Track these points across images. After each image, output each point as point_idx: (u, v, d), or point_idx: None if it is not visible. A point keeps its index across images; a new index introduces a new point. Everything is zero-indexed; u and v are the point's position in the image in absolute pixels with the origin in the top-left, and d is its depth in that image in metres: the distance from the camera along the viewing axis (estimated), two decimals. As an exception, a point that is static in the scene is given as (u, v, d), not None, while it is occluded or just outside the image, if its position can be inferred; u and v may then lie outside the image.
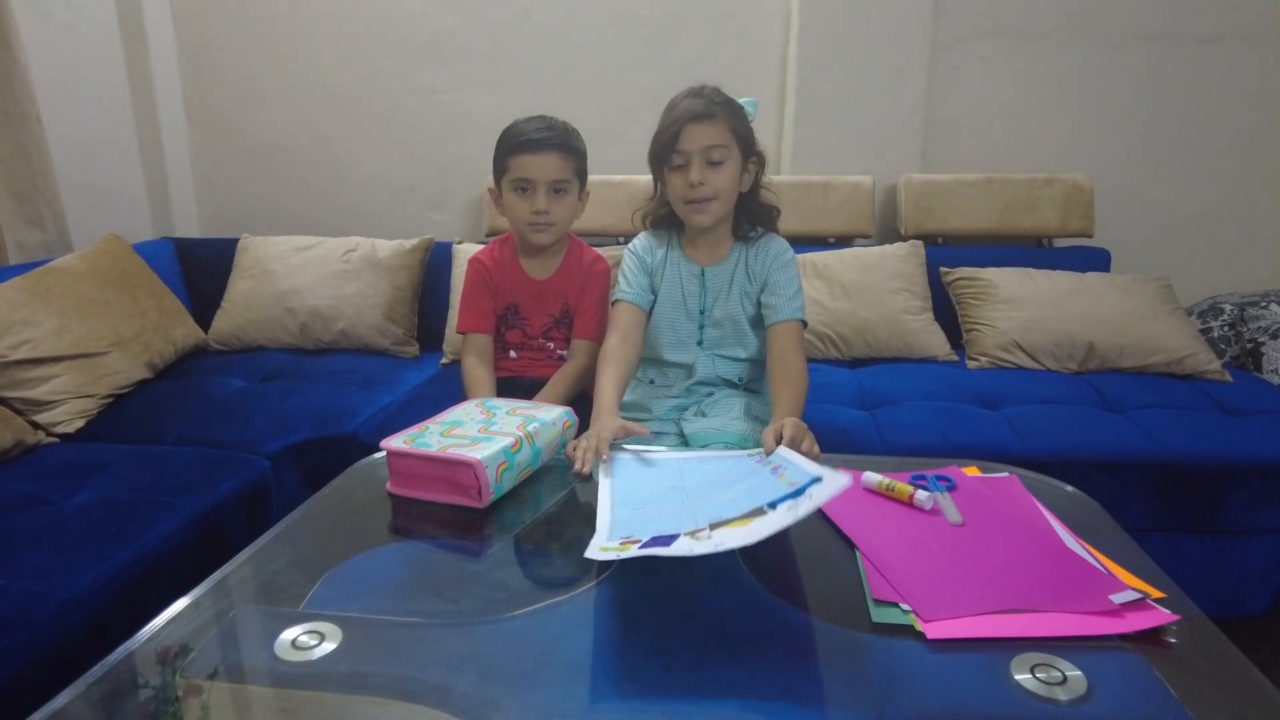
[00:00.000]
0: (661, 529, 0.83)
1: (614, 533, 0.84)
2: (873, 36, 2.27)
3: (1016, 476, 1.04)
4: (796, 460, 0.97)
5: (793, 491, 0.81)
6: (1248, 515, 1.56)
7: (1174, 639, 0.71)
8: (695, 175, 1.29)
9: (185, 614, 0.76)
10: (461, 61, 2.45)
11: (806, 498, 0.78)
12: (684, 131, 1.29)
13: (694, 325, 1.43)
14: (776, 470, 0.96)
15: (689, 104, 1.31)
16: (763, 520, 0.77)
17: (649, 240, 1.46)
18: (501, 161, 1.49)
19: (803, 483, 0.84)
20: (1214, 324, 2.16)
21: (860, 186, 2.30)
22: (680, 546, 0.76)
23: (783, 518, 0.74)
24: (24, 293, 1.72)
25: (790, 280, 1.39)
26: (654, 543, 0.78)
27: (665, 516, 0.88)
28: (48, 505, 1.33)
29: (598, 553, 0.76)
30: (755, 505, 0.81)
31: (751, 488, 0.90)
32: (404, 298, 2.17)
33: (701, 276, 1.42)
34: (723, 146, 1.30)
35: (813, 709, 0.64)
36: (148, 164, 2.46)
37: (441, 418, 1.13)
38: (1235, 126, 2.36)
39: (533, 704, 0.65)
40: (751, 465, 1.03)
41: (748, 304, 1.41)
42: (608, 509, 0.94)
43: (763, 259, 1.40)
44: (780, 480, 0.91)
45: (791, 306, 1.37)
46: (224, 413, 1.73)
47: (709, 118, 1.30)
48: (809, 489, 0.80)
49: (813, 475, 0.84)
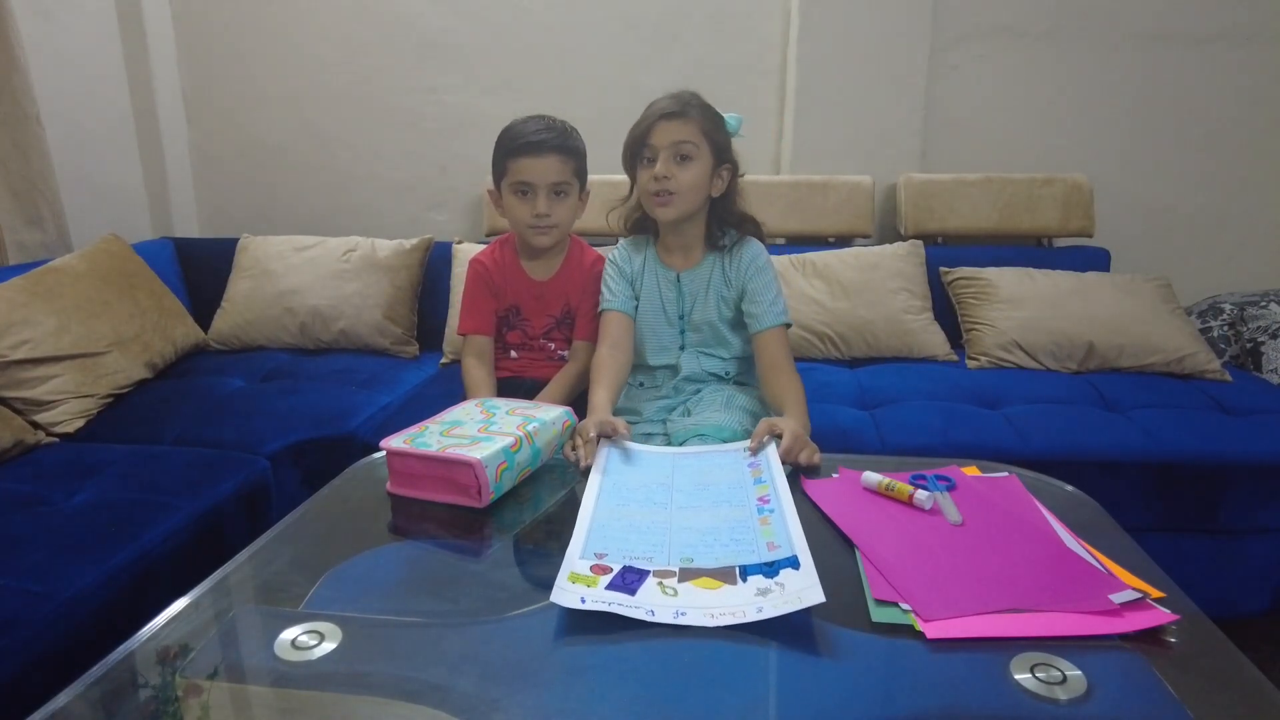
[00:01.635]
0: (635, 551, 0.85)
1: (588, 547, 0.86)
2: (872, 36, 2.27)
3: (1016, 476, 1.04)
4: (775, 471, 1.02)
5: (763, 565, 0.81)
6: (1247, 515, 1.56)
7: (1174, 639, 0.71)
8: (660, 169, 1.32)
9: (185, 614, 0.76)
10: (461, 61, 2.46)
11: (777, 585, 0.77)
12: (654, 127, 1.33)
13: (675, 330, 1.45)
14: (752, 467, 1.05)
15: (663, 103, 1.35)
16: (730, 594, 0.77)
17: (627, 249, 1.48)
18: (501, 164, 1.49)
19: (772, 484, 0.91)
20: (1214, 324, 2.16)
21: (860, 186, 2.30)
22: (644, 597, 0.77)
23: (748, 610, 0.74)
24: (24, 293, 1.72)
25: (768, 285, 1.39)
26: (621, 582, 0.79)
27: (644, 528, 0.90)
28: (47, 505, 1.33)
29: (560, 594, 0.76)
30: (728, 564, 0.82)
31: (731, 518, 0.92)
32: (404, 297, 2.17)
33: (678, 282, 1.43)
34: (691, 144, 1.32)
35: (813, 709, 0.64)
36: (147, 164, 2.46)
37: (441, 417, 1.13)
38: (1235, 126, 2.36)
39: (533, 704, 0.65)
40: (736, 462, 1.08)
41: (725, 308, 1.42)
42: (591, 504, 0.96)
43: (738, 265, 1.41)
44: (756, 490, 0.98)
45: (773, 312, 1.38)
46: (224, 413, 1.73)
47: (681, 115, 1.32)
48: (781, 572, 0.80)
49: (788, 553, 0.83)
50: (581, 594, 0.77)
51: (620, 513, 0.94)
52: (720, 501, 0.97)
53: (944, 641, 0.70)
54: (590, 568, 0.82)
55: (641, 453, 1.14)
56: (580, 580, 0.79)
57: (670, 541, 0.87)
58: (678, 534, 0.89)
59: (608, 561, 0.83)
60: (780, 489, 0.97)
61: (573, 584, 0.78)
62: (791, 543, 0.84)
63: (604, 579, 0.80)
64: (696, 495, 0.99)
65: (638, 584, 0.79)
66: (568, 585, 0.78)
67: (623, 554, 0.84)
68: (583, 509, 0.95)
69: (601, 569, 0.81)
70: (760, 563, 0.82)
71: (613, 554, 0.84)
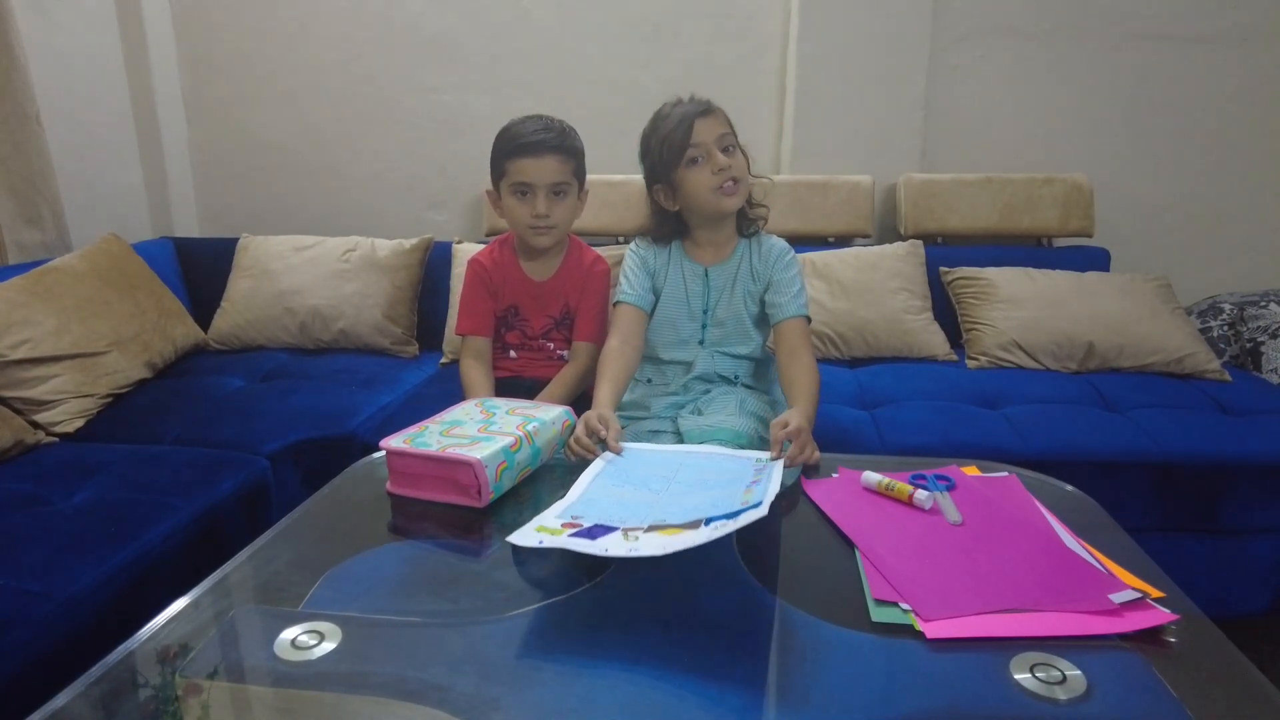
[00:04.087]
0: (611, 518, 0.84)
1: (568, 510, 0.85)
2: (873, 36, 2.27)
3: (1016, 476, 1.05)
4: (773, 479, 0.99)
5: (727, 514, 0.81)
6: (1247, 514, 1.56)
7: (1173, 638, 0.71)
8: (722, 160, 1.32)
9: (185, 614, 0.77)
10: (461, 61, 2.45)
11: (733, 520, 0.78)
12: (695, 125, 1.32)
13: (696, 325, 1.44)
14: (758, 471, 1.00)
15: (686, 106, 1.35)
16: (691, 534, 0.77)
17: (650, 242, 1.47)
18: (499, 165, 1.49)
19: (753, 501, 0.85)
20: (1213, 323, 2.16)
21: (860, 186, 2.30)
22: (605, 543, 0.76)
23: (701, 535, 0.74)
24: (24, 292, 1.72)
25: (794, 278, 1.41)
26: (585, 534, 0.79)
27: (629, 505, 0.89)
28: (47, 505, 1.33)
29: (519, 535, 0.76)
30: (697, 517, 0.82)
31: (718, 498, 0.91)
32: (404, 297, 2.17)
33: (705, 277, 1.43)
34: (731, 135, 1.35)
35: (813, 708, 0.64)
36: (147, 163, 2.46)
37: (441, 417, 1.13)
38: (1235, 126, 2.36)
39: (533, 704, 0.65)
40: (745, 468, 1.04)
41: (751, 303, 1.43)
42: (585, 483, 0.96)
43: (766, 258, 1.42)
44: (747, 494, 0.94)
45: (797, 303, 1.39)
46: (224, 412, 1.73)
47: (711, 113, 1.34)
48: (742, 515, 0.80)
49: (759, 499, 0.84)
50: (541, 538, 0.76)
51: (613, 493, 0.94)
52: (712, 489, 0.96)
53: (944, 641, 0.70)
54: (561, 524, 0.81)
55: (652, 451, 1.13)
56: (545, 530, 0.79)
57: (656, 510, 0.87)
58: (665, 506, 0.88)
59: (581, 521, 0.83)
60: (774, 476, 0.97)
61: (537, 532, 0.78)
62: (766, 497, 0.84)
63: (570, 531, 0.79)
64: (693, 488, 0.98)
65: (601, 535, 0.79)
66: (531, 532, 0.78)
67: (598, 517, 0.84)
68: (576, 485, 0.95)
69: (572, 525, 0.81)
70: (725, 513, 0.81)
71: (588, 517, 0.84)
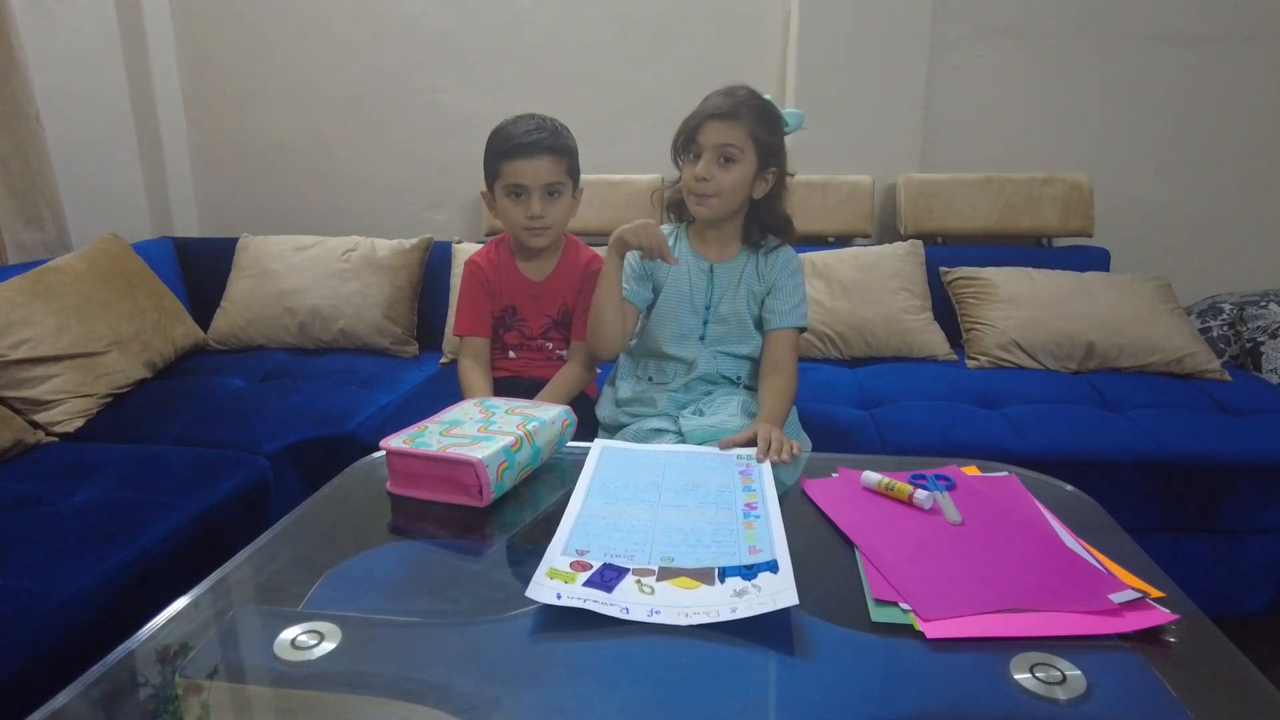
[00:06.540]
0: (617, 549, 0.85)
1: (570, 544, 0.86)
2: (872, 36, 2.27)
3: (1016, 476, 1.04)
4: (765, 480, 1.03)
5: (741, 567, 0.81)
6: (1247, 514, 1.56)
7: (1173, 638, 0.71)
8: (702, 169, 1.32)
9: (185, 613, 0.76)
10: (460, 61, 2.45)
11: (754, 587, 0.77)
12: (704, 125, 1.32)
13: (698, 320, 1.44)
14: (743, 474, 1.05)
15: (717, 100, 1.33)
16: (709, 593, 0.77)
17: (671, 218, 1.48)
18: (493, 166, 1.48)
19: (761, 491, 0.90)
20: (1213, 323, 2.16)
21: (860, 186, 2.30)
22: (620, 595, 0.77)
23: (723, 610, 0.74)
24: (23, 292, 1.72)
25: (796, 288, 1.41)
26: (599, 580, 0.79)
27: (628, 526, 0.90)
28: (47, 505, 1.33)
29: (536, 589, 0.76)
30: (708, 564, 0.82)
31: (712, 518, 0.92)
32: (403, 297, 2.17)
33: (710, 272, 1.42)
34: (737, 147, 1.32)
35: (813, 708, 0.64)
36: (147, 164, 2.46)
37: (440, 417, 1.12)
38: (1235, 126, 2.36)
39: (533, 704, 0.65)
40: (728, 465, 1.08)
41: (753, 304, 1.42)
42: (579, 501, 0.96)
43: (773, 264, 1.42)
44: (744, 496, 0.97)
45: (795, 315, 1.40)
46: (223, 412, 1.73)
47: (732, 117, 1.31)
48: (759, 575, 0.80)
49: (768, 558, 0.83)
50: (558, 590, 0.76)
51: (606, 510, 0.95)
52: (707, 503, 0.97)
53: (944, 641, 0.70)
54: (570, 564, 0.81)
55: (636, 451, 1.16)
56: (559, 576, 0.79)
57: (653, 540, 0.87)
58: (661, 533, 0.89)
59: (588, 559, 0.83)
60: (769, 497, 0.98)
61: (550, 579, 0.78)
62: (773, 547, 0.84)
63: (582, 575, 0.80)
64: (684, 495, 0.99)
65: (615, 581, 0.79)
66: (545, 581, 0.78)
67: (604, 551, 0.84)
68: (570, 505, 0.95)
69: (581, 565, 0.81)
70: (739, 565, 0.82)
71: (594, 551, 0.84)
